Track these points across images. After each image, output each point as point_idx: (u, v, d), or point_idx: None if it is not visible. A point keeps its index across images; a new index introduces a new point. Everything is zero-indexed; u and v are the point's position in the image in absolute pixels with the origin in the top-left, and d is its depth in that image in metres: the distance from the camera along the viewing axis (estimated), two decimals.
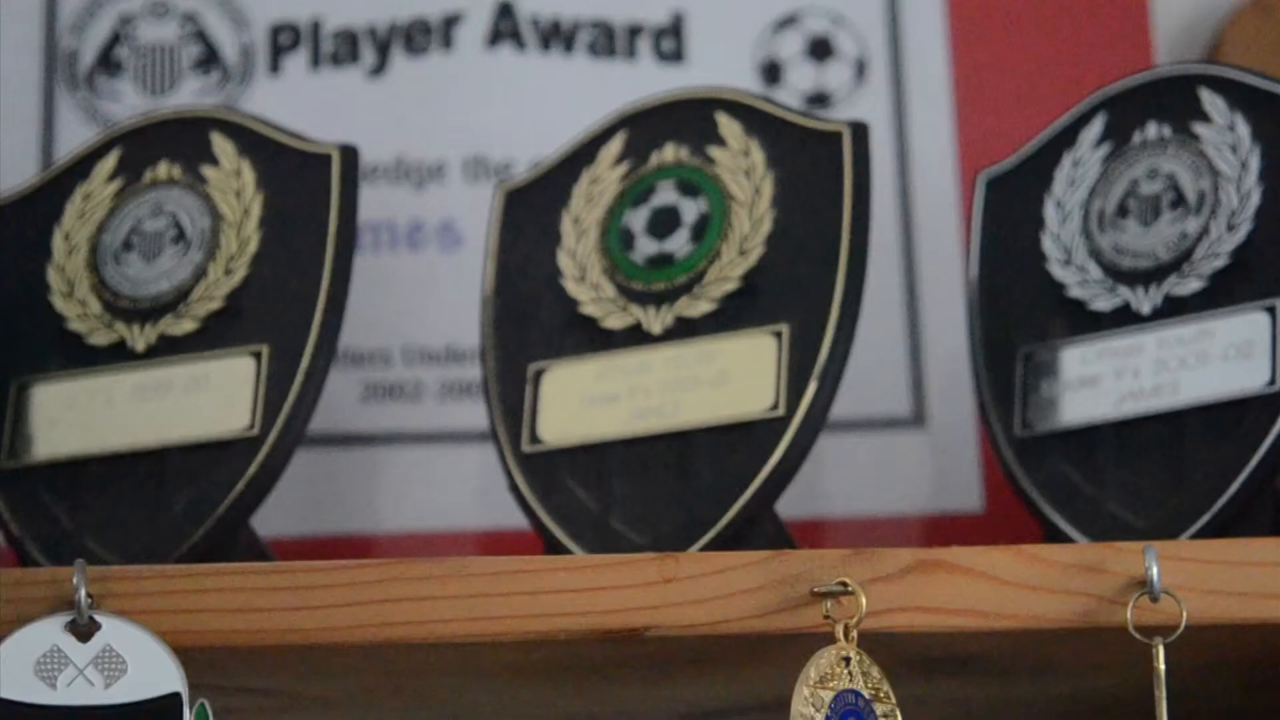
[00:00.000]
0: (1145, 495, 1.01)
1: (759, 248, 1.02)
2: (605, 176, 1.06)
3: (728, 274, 1.02)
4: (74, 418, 1.04)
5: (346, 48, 1.24)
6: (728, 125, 1.05)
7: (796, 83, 1.23)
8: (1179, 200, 1.03)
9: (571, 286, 1.05)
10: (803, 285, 1.01)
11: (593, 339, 1.04)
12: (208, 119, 1.07)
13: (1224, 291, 1.01)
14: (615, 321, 1.03)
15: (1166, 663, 0.92)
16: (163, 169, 1.06)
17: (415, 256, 1.22)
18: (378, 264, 1.21)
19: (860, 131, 1.02)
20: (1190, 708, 0.96)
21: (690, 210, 1.04)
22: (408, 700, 1.06)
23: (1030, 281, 1.06)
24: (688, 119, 1.06)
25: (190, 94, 1.22)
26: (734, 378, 1.01)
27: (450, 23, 1.24)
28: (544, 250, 1.06)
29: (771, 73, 1.23)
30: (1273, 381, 0.99)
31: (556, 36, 1.24)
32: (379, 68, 1.24)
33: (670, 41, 1.24)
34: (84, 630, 0.90)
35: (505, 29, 1.24)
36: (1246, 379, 0.99)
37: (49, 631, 0.90)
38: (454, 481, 1.19)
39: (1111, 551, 0.94)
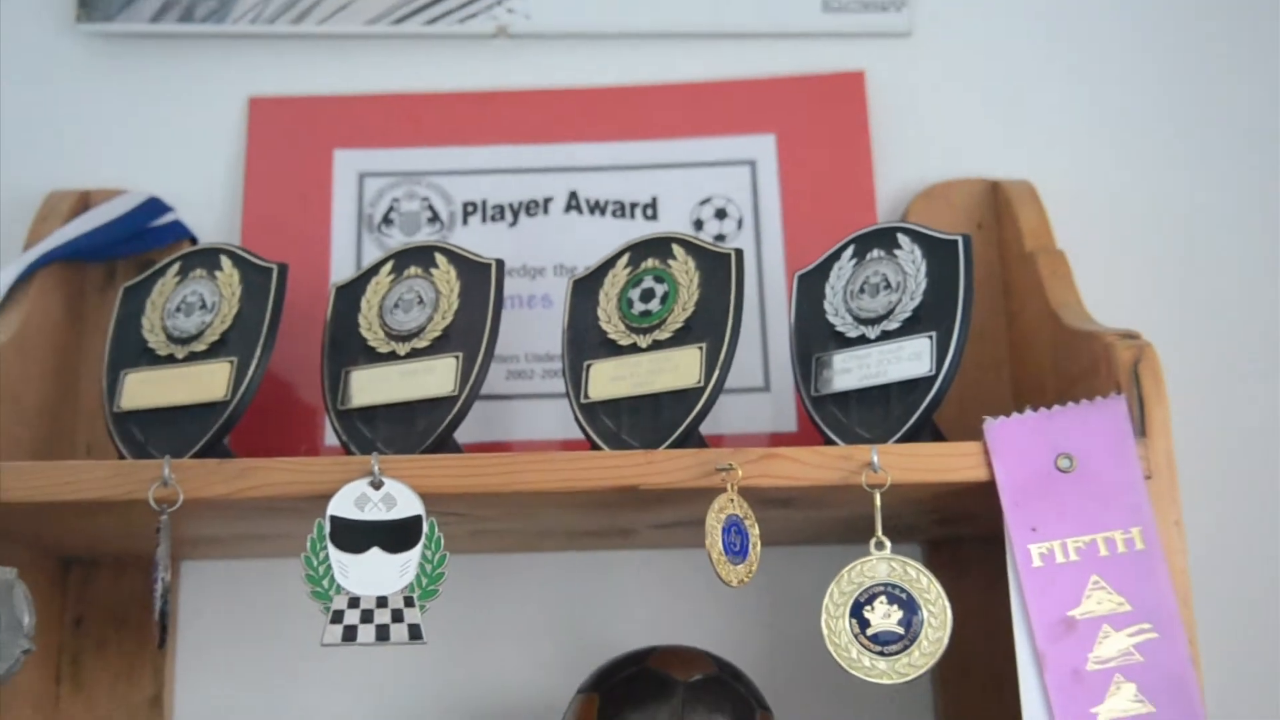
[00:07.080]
0: (872, 423, 1.03)
1: (691, 308, 1.05)
2: (619, 273, 1.08)
3: (677, 320, 1.05)
4: (371, 386, 1.07)
5: (498, 213, 1.24)
6: (678, 249, 1.07)
7: (710, 230, 1.24)
8: (888, 285, 1.06)
9: (603, 325, 1.07)
10: (713, 326, 1.03)
11: (613, 350, 1.05)
12: (433, 247, 1.09)
13: (908, 329, 1.04)
14: (624, 342, 1.06)
15: (881, 502, 0.97)
16: (412, 270, 1.09)
17: (530, 311, 1.22)
18: (513, 315, 1.21)
19: (739, 254, 1.05)
20: (893, 525, 1.01)
21: (659, 290, 1.06)
22: (522, 518, 1.07)
23: (818, 324, 1.07)
24: (658, 246, 1.07)
25: (424, 235, 1.24)
26: (681, 368, 1.03)
27: (547, 201, 1.25)
28: (590, 308, 1.08)
29: (698, 225, 1.24)
30: (930, 370, 1.03)
31: (598, 208, 1.24)
32: (514, 223, 1.24)
33: (650, 210, 1.24)
34: (376, 484, 0.96)
35: (573, 204, 1.25)
36: (919, 369, 1.03)
37: (360, 486, 0.97)
38: (549, 416, 1.20)
39: (856, 449, 0.98)
